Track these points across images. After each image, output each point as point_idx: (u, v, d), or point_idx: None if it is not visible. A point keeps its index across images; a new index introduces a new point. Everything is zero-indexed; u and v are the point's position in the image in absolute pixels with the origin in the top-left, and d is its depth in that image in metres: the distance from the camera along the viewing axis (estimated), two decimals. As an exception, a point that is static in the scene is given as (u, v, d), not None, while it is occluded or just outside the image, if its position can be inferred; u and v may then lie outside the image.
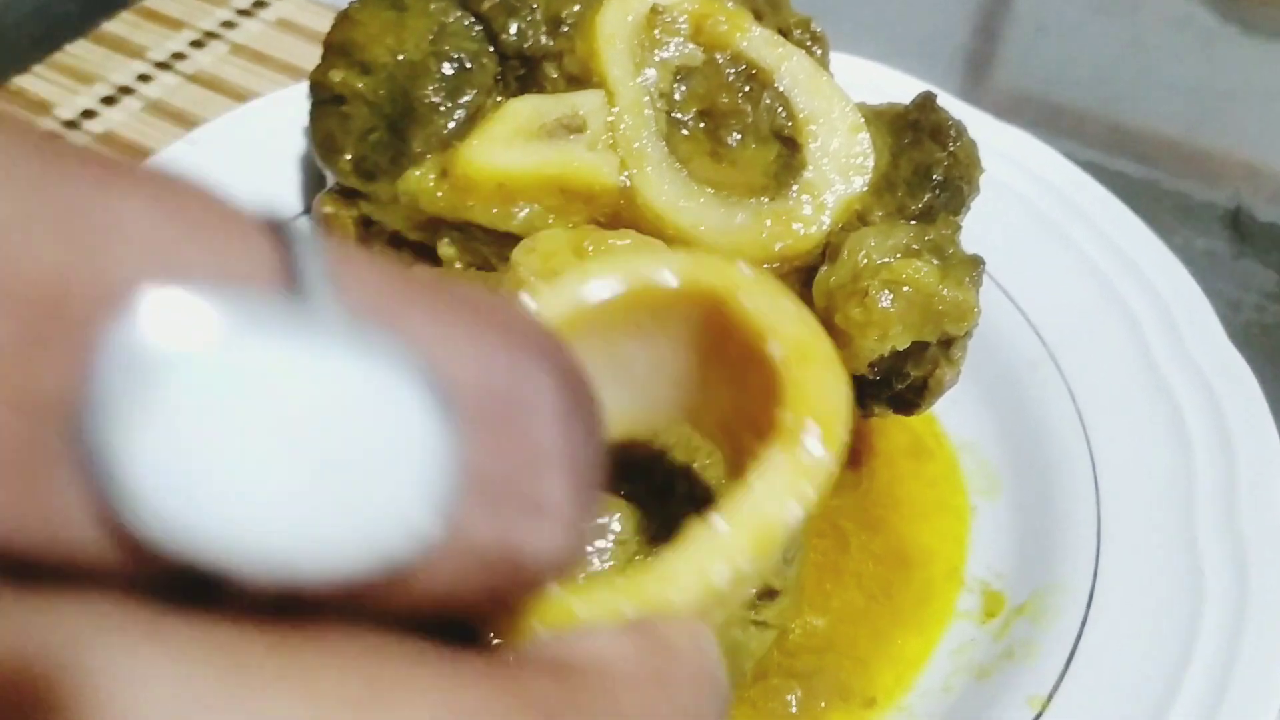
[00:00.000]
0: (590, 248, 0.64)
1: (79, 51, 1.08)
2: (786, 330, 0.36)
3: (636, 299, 0.39)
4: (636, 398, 0.41)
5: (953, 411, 0.75)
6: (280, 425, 0.17)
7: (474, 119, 0.73)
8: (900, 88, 0.78)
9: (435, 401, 0.18)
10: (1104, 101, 1.16)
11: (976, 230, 0.71)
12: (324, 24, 0.77)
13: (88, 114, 1.03)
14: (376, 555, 0.17)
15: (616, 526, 0.56)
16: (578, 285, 0.39)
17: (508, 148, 0.71)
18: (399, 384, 0.17)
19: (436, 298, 0.20)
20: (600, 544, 0.55)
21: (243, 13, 1.12)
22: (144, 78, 1.06)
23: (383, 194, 0.74)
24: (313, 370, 0.17)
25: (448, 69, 0.74)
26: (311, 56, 0.77)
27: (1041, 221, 0.81)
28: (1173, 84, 1.19)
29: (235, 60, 1.08)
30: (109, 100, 1.04)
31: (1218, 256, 0.96)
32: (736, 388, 0.38)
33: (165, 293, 0.17)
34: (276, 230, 0.19)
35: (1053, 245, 0.81)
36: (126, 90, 1.05)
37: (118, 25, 1.11)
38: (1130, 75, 1.19)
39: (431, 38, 0.74)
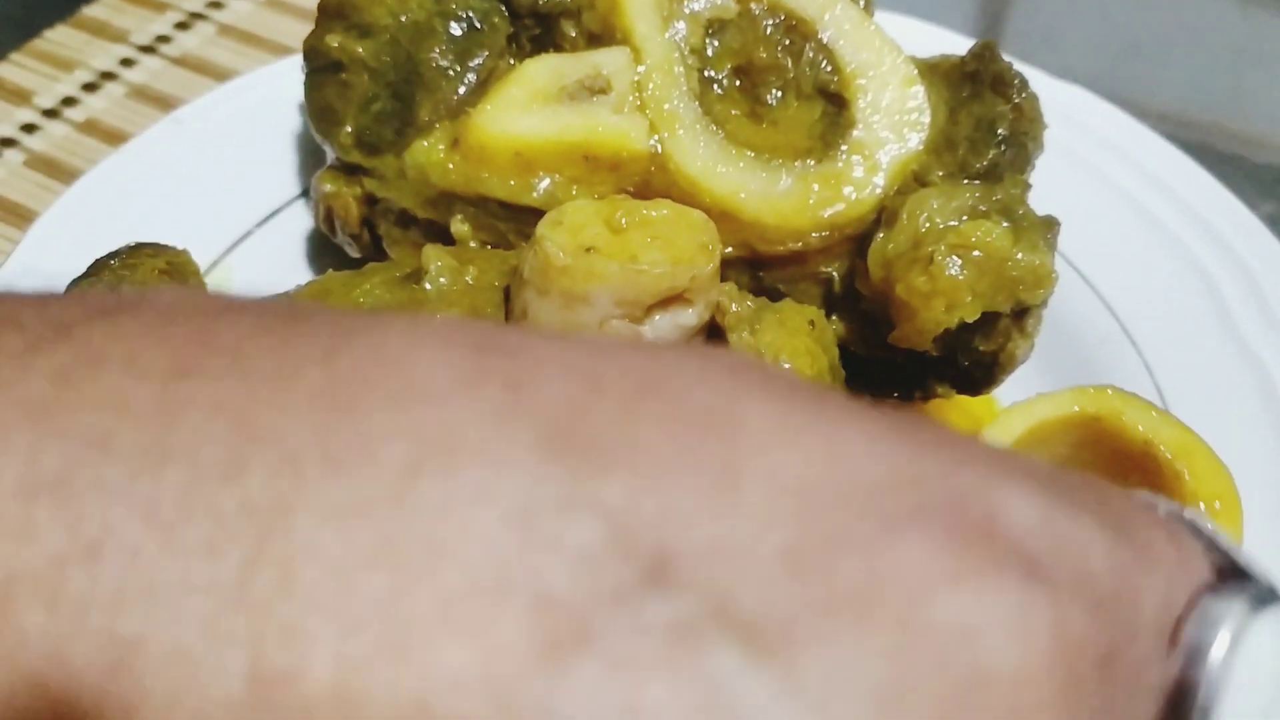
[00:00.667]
0: (624, 220, 0.58)
1: (58, 37, 1.02)
2: (1166, 434, 0.48)
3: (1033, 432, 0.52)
4: None
5: (1015, 393, 0.68)
6: None
7: (486, 83, 0.67)
8: (947, 44, 0.72)
9: None
10: (1132, 67, 1.10)
11: (1036, 194, 0.65)
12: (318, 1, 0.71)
13: (68, 101, 0.96)
14: None
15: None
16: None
17: (525, 113, 0.65)
18: None
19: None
20: None
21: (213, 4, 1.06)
22: (127, 62, 0.99)
23: (388, 169, 0.68)
24: None
25: (456, 29, 0.68)
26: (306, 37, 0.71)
27: (1107, 184, 0.75)
28: (1205, 50, 1.13)
29: (223, 42, 1.01)
30: (90, 87, 0.98)
31: (1279, 221, 0.90)
32: None
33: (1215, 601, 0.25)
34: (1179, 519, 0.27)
35: (1120, 209, 0.74)
36: (109, 75, 0.98)
37: (99, 9, 1.04)
38: (1159, 44, 1.13)
39: (437, -4, 0.67)
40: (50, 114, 0.95)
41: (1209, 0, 1.19)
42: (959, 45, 0.69)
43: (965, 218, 0.59)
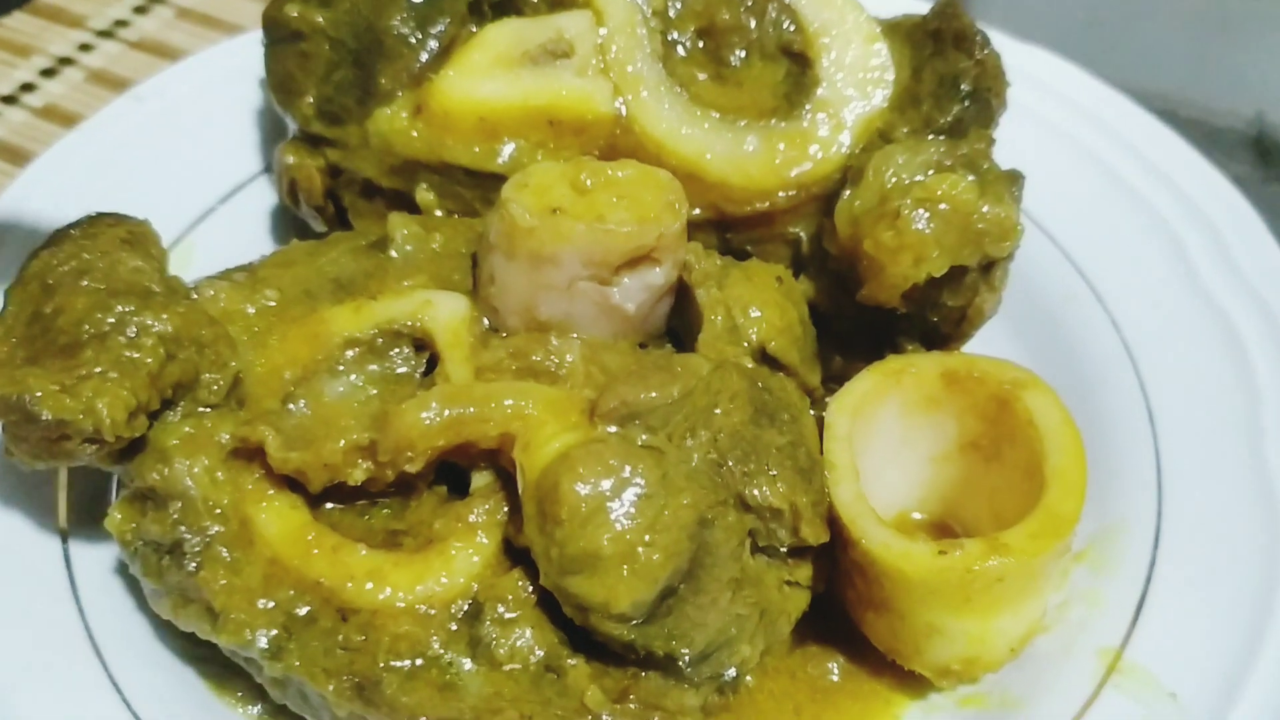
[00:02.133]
0: (589, 181, 0.57)
1: (15, 24, 1.01)
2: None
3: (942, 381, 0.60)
4: (912, 471, 0.63)
5: (982, 350, 0.69)
6: None
7: (448, 50, 0.66)
8: (908, 4, 0.72)
9: None
10: (1096, 37, 1.10)
11: (1001, 155, 0.65)
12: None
13: (27, 87, 0.95)
14: None
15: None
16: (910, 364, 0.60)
17: (488, 78, 0.64)
18: None
19: None
20: None
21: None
22: (85, 47, 0.98)
23: (351, 138, 0.67)
24: None
25: (417, -4, 0.67)
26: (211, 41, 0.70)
27: (1073, 143, 0.75)
28: (1166, 19, 1.14)
29: (182, 25, 1.01)
30: (48, 73, 0.96)
31: (1245, 183, 0.90)
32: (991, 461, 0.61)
33: None
34: None
35: (1086, 168, 0.75)
36: (67, 61, 0.97)
37: (55, -6, 1.03)
38: (1121, 14, 1.14)
39: (397, -36, 0.67)
40: (8, 100, 0.94)
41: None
42: (920, 5, 0.69)
43: (931, 172, 0.59)
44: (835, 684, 0.60)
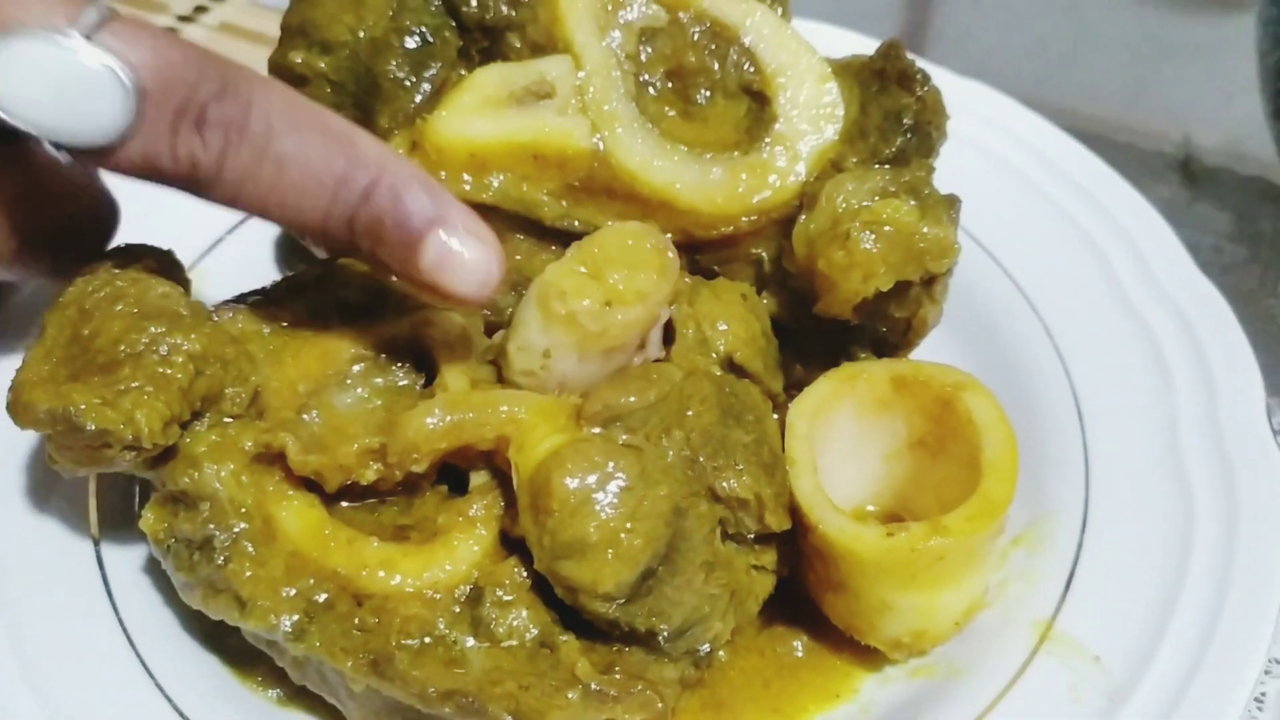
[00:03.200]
0: (583, 269, 0.62)
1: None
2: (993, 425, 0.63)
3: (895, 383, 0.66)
4: (866, 468, 0.67)
5: (931, 358, 0.75)
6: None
7: (440, 92, 0.73)
8: (857, 46, 0.78)
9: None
10: (1043, 64, 1.17)
11: (942, 179, 0.72)
12: (267, 26, 0.75)
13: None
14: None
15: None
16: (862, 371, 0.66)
17: (478, 117, 0.70)
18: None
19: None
20: None
21: (183, 19, 1.11)
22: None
23: (352, 173, 0.73)
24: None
25: (410, 43, 0.73)
26: (258, 61, 0.75)
27: (1006, 169, 0.82)
28: (1106, 51, 1.21)
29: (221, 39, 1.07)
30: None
31: (1173, 203, 0.98)
32: (936, 457, 0.66)
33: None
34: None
35: (1018, 191, 0.82)
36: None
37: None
38: (1064, 46, 1.21)
39: (391, 13, 0.73)
40: None
41: (1110, 5, 1.27)
42: (868, 47, 0.75)
43: (877, 198, 0.65)
44: (800, 660, 0.66)
